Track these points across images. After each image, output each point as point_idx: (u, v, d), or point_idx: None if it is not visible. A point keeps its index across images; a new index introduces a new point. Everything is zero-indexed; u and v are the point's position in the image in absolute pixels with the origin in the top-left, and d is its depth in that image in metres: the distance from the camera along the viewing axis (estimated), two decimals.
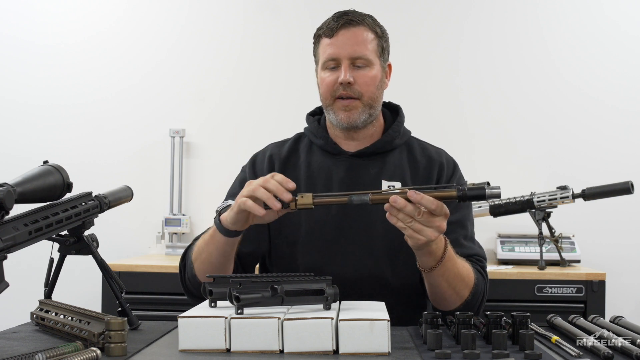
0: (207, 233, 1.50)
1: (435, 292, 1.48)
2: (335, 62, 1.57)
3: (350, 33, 1.56)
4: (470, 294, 1.49)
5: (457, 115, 3.33)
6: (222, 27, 3.42)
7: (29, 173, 1.20)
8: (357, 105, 1.57)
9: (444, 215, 1.29)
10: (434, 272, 1.42)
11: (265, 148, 1.74)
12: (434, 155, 1.67)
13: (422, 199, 1.26)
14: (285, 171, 1.64)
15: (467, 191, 1.27)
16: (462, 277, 1.47)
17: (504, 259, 2.96)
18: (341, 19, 1.57)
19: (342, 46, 1.56)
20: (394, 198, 1.27)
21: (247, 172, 1.69)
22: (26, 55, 3.43)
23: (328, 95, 1.59)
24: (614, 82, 3.28)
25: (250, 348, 1.10)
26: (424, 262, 1.41)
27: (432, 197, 1.27)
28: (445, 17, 3.37)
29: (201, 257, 1.51)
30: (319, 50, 1.62)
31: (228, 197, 1.68)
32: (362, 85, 1.56)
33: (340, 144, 1.66)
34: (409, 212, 1.27)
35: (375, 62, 1.59)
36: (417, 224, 1.28)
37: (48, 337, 1.27)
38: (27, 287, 2.08)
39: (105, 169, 3.36)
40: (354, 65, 1.56)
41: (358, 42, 1.56)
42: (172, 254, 3.24)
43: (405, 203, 1.27)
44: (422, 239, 1.30)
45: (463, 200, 1.28)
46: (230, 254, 1.48)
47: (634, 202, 3.06)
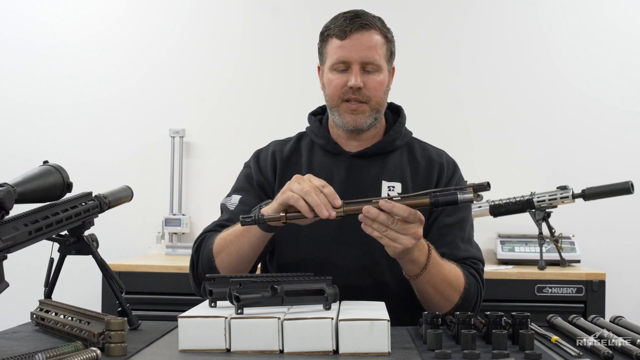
0: (239, 226, 1.46)
1: (423, 298, 1.49)
2: (345, 64, 1.56)
3: (363, 37, 1.55)
4: (461, 298, 1.49)
5: (457, 115, 3.33)
6: (222, 27, 3.42)
7: (29, 173, 1.20)
8: (364, 109, 1.58)
9: (419, 221, 1.31)
10: (419, 279, 1.42)
11: (268, 145, 1.73)
12: (434, 156, 1.67)
13: (393, 207, 1.27)
14: (287, 170, 1.65)
15: (439, 197, 1.28)
16: (449, 282, 1.47)
17: (504, 259, 2.96)
18: (354, 22, 1.55)
19: (354, 50, 1.55)
20: (366, 208, 1.28)
21: (252, 166, 1.69)
22: (26, 55, 3.43)
23: (335, 97, 1.59)
24: (614, 82, 3.29)
25: (250, 348, 1.10)
26: (408, 270, 1.42)
27: (405, 204, 1.28)
28: (445, 17, 3.37)
29: (228, 250, 1.49)
30: (328, 50, 1.60)
31: (233, 192, 1.67)
32: (371, 90, 1.56)
33: (342, 144, 1.66)
34: (383, 221, 1.28)
35: (384, 67, 1.58)
36: (393, 232, 1.29)
37: (48, 337, 1.27)
38: (27, 287, 2.08)
39: (105, 169, 3.36)
40: (364, 70, 1.56)
41: (370, 47, 1.55)
42: (172, 254, 3.25)
43: (378, 212, 1.28)
44: (398, 247, 1.31)
45: (436, 207, 1.29)
46: (261, 248, 1.48)
47: (634, 202, 3.06)
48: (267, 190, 1.65)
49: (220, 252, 1.50)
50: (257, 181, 1.66)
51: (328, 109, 1.64)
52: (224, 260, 1.50)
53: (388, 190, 1.60)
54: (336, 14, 1.61)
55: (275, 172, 1.66)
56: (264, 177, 1.66)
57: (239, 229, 1.47)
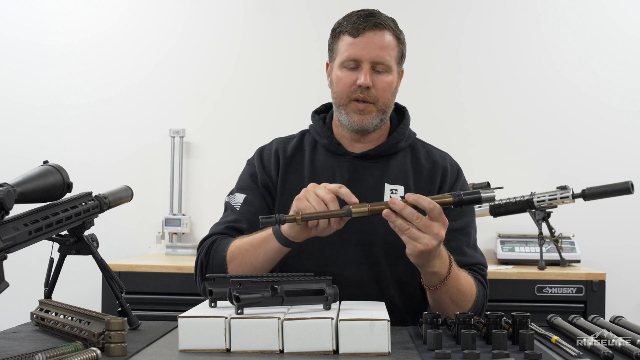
0: (256, 236, 1.47)
1: (438, 307, 1.48)
2: (355, 62, 1.55)
3: (376, 37, 1.54)
4: (472, 306, 1.49)
5: (457, 115, 3.33)
6: (222, 27, 3.42)
7: (29, 173, 1.20)
8: (371, 110, 1.56)
9: (443, 223, 1.30)
10: (439, 290, 1.42)
11: (271, 142, 1.72)
12: (438, 159, 1.66)
13: (419, 198, 1.28)
14: (289, 169, 1.64)
15: (464, 196, 1.29)
16: (464, 292, 1.47)
17: (504, 259, 2.96)
18: (368, 20, 1.54)
19: (366, 48, 1.53)
20: (392, 199, 1.28)
21: (257, 165, 1.67)
22: (26, 55, 3.43)
23: (344, 95, 1.57)
24: (614, 82, 3.28)
25: (250, 348, 1.10)
26: (429, 281, 1.42)
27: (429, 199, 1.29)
28: (445, 17, 3.37)
29: (242, 258, 1.47)
30: (339, 47, 1.58)
31: (237, 190, 1.66)
32: (380, 90, 1.55)
33: (345, 144, 1.65)
34: (407, 215, 1.28)
35: (393, 69, 1.57)
36: (415, 230, 1.29)
37: (48, 337, 1.27)
38: (27, 287, 2.08)
39: (105, 169, 3.36)
40: (374, 70, 1.55)
41: (382, 47, 1.54)
42: (172, 254, 3.24)
43: (403, 205, 1.28)
44: (419, 246, 1.29)
45: (459, 205, 1.29)
46: (276, 261, 1.47)
47: (634, 202, 3.06)
48: (270, 190, 1.64)
49: (233, 259, 1.49)
50: (262, 180, 1.65)
51: (335, 107, 1.62)
52: (237, 268, 1.48)
53: (391, 193, 1.58)
54: (349, 12, 1.60)
55: (279, 171, 1.65)
56: (267, 176, 1.65)
57: (257, 239, 1.46)
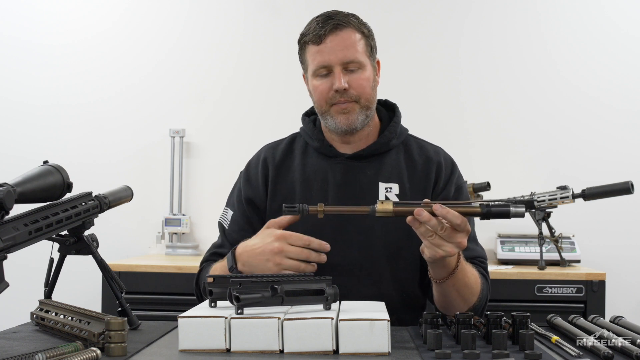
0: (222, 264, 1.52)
1: (444, 300, 1.48)
2: (326, 68, 1.54)
3: (338, 38, 1.53)
4: (478, 299, 1.49)
5: (457, 115, 3.33)
6: (222, 28, 3.42)
7: (29, 173, 1.20)
8: (354, 108, 1.55)
9: (466, 231, 1.29)
10: (446, 282, 1.42)
11: (259, 151, 1.72)
12: (431, 154, 1.65)
13: (447, 213, 1.26)
14: (280, 175, 1.64)
15: (492, 209, 1.28)
16: (471, 285, 1.47)
17: (504, 259, 2.96)
18: (327, 24, 1.53)
19: (332, 52, 1.52)
20: (418, 211, 1.27)
21: (242, 181, 1.68)
22: (26, 55, 3.43)
23: (323, 103, 1.57)
24: (614, 82, 3.28)
25: (250, 348, 1.10)
26: (437, 274, 1.42)
27: (457, 212, 1.27)
28: (445, 17, 3.37)
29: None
30: (307, 58, 1.58)
31: (228, 205, 1.69)
32: (358, 88, 1.54)
33: (336, 146, 1.64)
34: (433, 226, 1.27)
35: (366, 63, 1.56)
36: (438, 238, 1.28)
37: (48, 337, 1.27)
38: (27, 287, 2.08)
39: (105, 169, 3.36)
40: (347, 70, 1.54)
41: (348, 46, 1.53)
42: (172, 254, 3.25)
43: (429, 217, 1.27)
44: (440, 253, 1.30)
45: (487, 218, 1.29)
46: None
47: (634, 202, 3.06)
48: (255, 204, 1.64)
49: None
50: (245, 197, 1.65)
51: (319, 115, 1.62)
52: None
53: (385, 192, 1.58)
54: (310, 20, 1.59)
55: (267, 180, 1.64)
56: (252, 190, 1.65)
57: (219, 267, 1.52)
